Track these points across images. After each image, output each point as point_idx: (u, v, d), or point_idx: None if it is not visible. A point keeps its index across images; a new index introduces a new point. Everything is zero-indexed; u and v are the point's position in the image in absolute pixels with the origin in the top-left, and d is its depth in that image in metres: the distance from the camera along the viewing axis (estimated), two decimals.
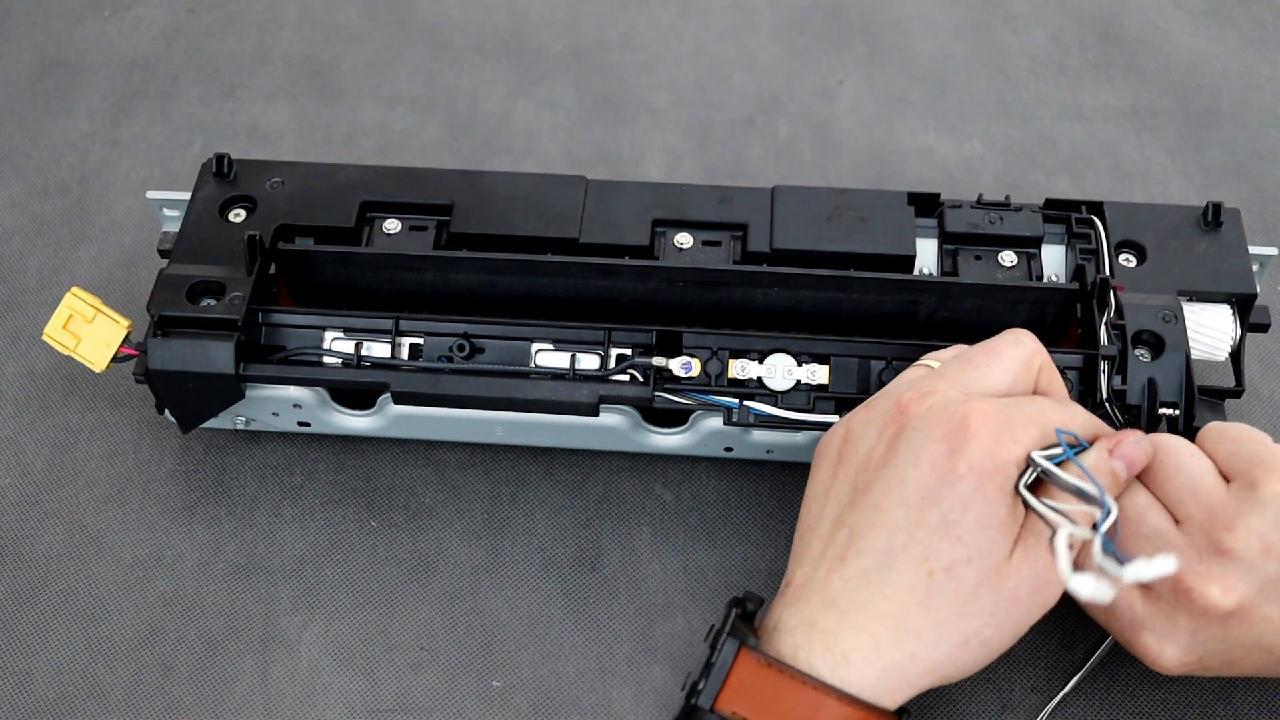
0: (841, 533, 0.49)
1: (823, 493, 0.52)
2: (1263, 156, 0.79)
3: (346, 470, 0.65)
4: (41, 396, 0.68)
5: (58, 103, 0.81)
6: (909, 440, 0.49)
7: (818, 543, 0.50)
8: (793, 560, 0.52)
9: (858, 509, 0.49)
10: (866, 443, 0.51)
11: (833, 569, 0.49)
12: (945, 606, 0.47)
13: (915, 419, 0.49)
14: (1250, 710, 0.58)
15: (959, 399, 0.49)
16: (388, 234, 0.63)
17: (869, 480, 0.50)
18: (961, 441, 0.48)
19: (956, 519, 0.47)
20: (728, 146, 0.79)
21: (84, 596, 0.61)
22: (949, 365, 0.53)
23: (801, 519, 0.53)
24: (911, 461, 0.48)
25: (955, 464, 0.47)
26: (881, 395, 0.53)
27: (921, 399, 0.50)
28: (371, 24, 0.86)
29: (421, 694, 0.59)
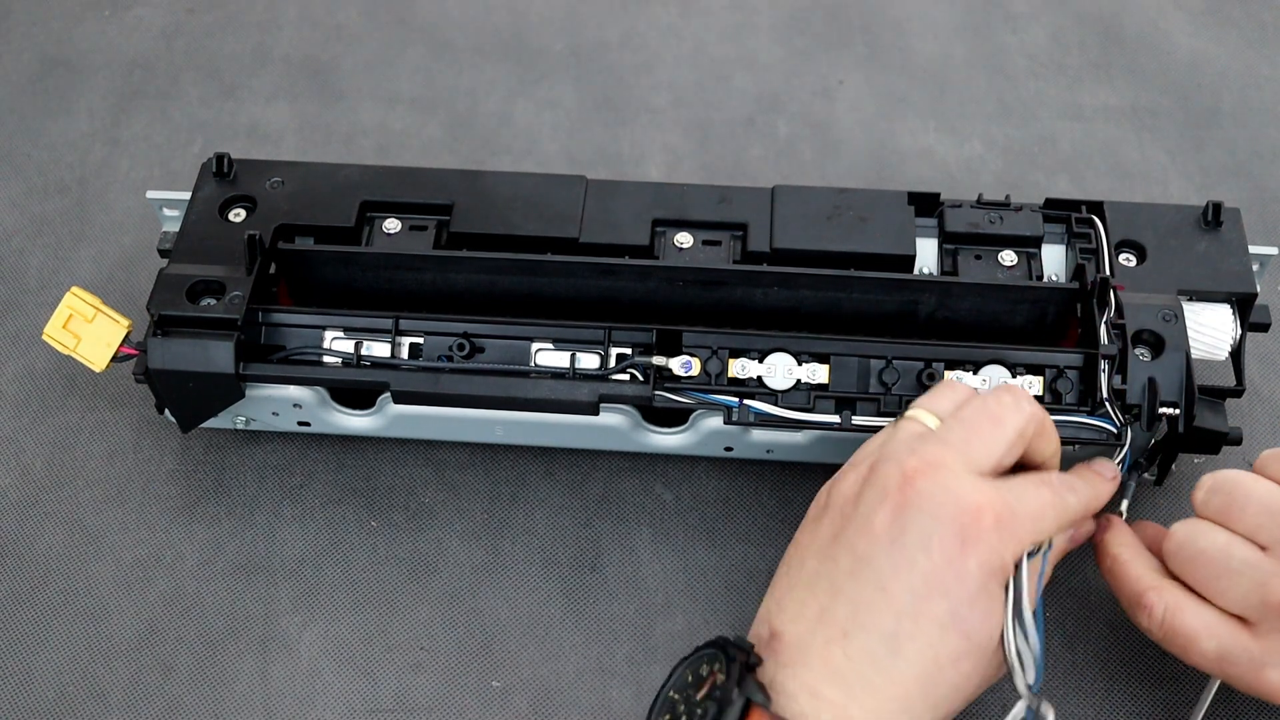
0: (841, 602, 0.49)
1: (817, 548, 0.51)
2: (1263, 156, 0.79)
3: (346, 470, 0.65)
4: (41, 396, 0.68)
5: (58, 103, 0.81)
6: (918, 522, 0.48)
7: (813, 604, 0.49)
8: (776, 606, 0.51)
9: (860, 581, 0.49)
10: (867, 507, 0.50)
11: (833, 640, 0.48)
12: (944, 691, 0.49)
13: (924, 497, 0.49)
14: (1251, 709, 0.58)
15: (970, 484, 0.49)
16: (388, 234, 0.63)
17: (871, 552, 0.49)
18: (974, 537, 0.48)
19: (964, 615, 0.48)
20: (728, 146, 0.79)
21: (84, 596, 0.61)
22: (950, 429, 0.52)
23: (791, 564, 0.52)
24: (921, 547, 0.48)
25: (966, 559, 0.48)
26: (883, 458, 0.51)
27: (930, 473, 0.49)
28: (371, 24, 0.86)
29: (421, 694, 0.59)
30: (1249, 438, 0.65)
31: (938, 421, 0.52)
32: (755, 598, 0.61)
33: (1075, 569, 0.62)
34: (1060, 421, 0.57)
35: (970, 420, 0.52)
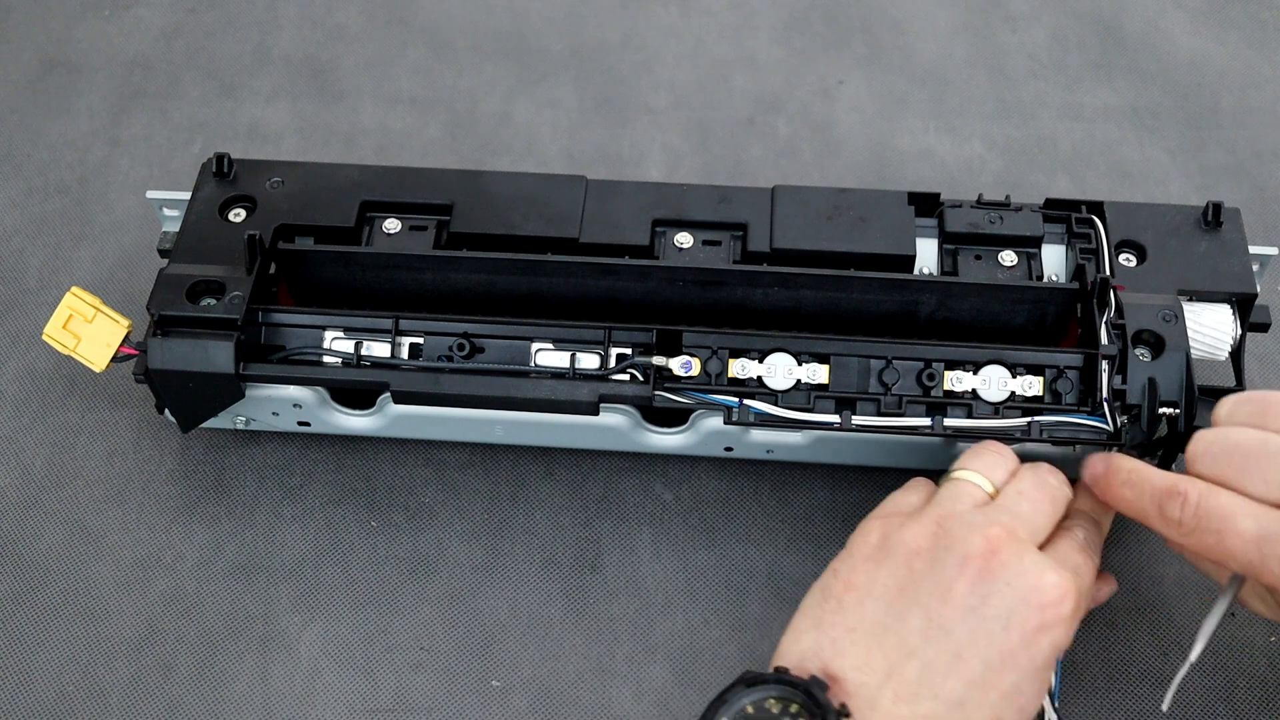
0: (913, 663, 0.49)
1: (880, 594, 0.51)
2: (1263, 156, 0.79)
3: (346, 470, 0.65)
4: (41, 396, 0.68)
5: (58, 103, 0.81)
6: (1002, 596, 0.49)
7: (880, 656, 0.50)
8: (832, 646, 0.50)
9: (934, 646, 0.49)
10: (945, 571, 0.50)
11: (901, 699, 0.49)
12: None
13: (1008, 571, 0.50)
14: (1251, 710, 0.58)
15: (1047, 564, 0.50)
16: (388, 234, 0.63)
17: (948, 618, 0.49)
18: (1053, 621, 0.49)
19: (1025, 688, 0.50)
20: (728, 146, 0.79)
21: (84, 596, 0.61)
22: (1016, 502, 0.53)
23: (845, 604, 0.51)
24: (1001, 623, 0.49)
25: (1041, 640, 0.49)
26: (954, 519, 0.51)
27: (1011, 547, 0.50)
28: (371, 24, 0.86)
29: (421, 694, 0.59)
30: None
31: (993, 487, 0.54)
32: (755, 597, 0.61)
33: None
34: (1060, 423, 0.57)
35: (1031, 495, 0.53)
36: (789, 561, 0.62)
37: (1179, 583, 0.61)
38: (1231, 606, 0.53)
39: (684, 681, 0.59)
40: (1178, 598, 0.61)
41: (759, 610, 0.61)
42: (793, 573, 0.62)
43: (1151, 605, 0.60)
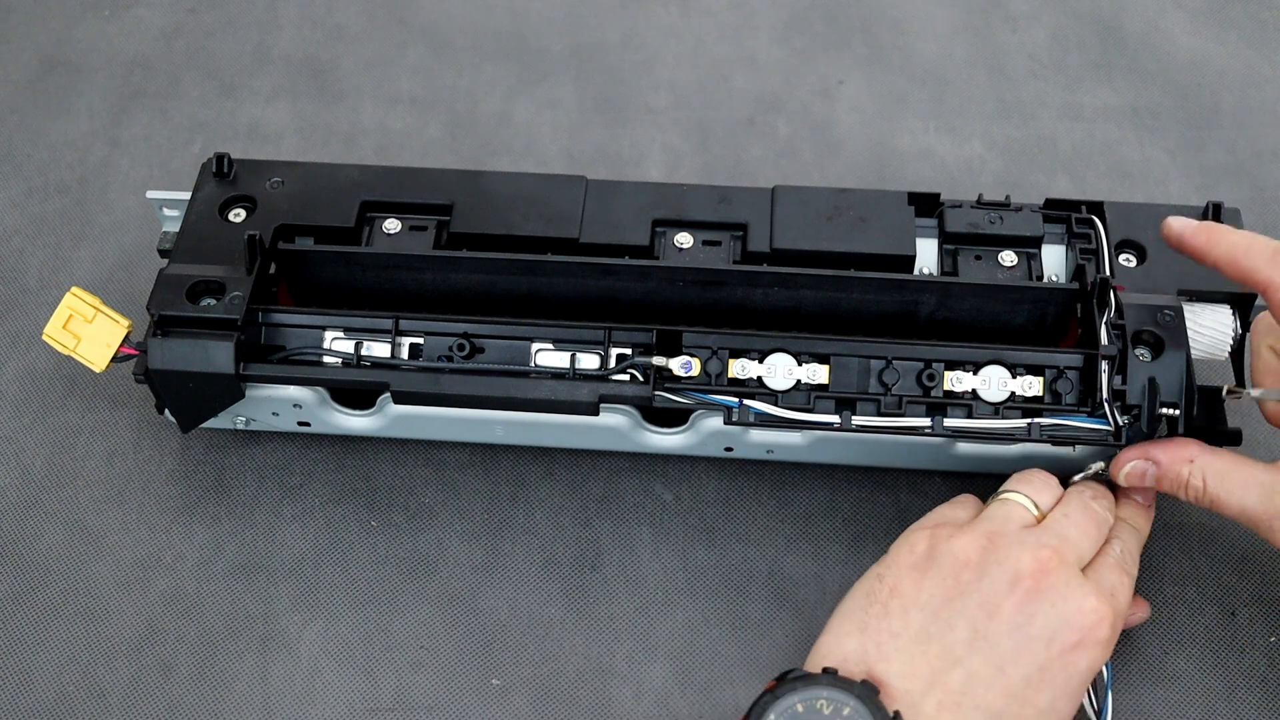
0: (957, 673, 0.51)
1: (930, 607, 0.52)
2: (1263, 156, 0.79)
3: (346, 470, 0.65)
4: (41, 396, 0.68)
5: (58, 103, 0.81)
6: (1046, 616, 0.51)
7: (924, 664, 0.51)
8: (877, 650, 0.51)
9: (979, 656, 0.51)
10: (994, 586, 0.52)
11: (945, 707, 0.50)
12: None
13: (1052, 592, 0.52)
14: (1252, 709, 0.58)
15: (1091, 588, 0.53)
16: (388, 234, 0.63)
17: (995, 632, 0.51)
18: (1091, 642, 0.52)
19: (1059, 705, 0.51)
20: (728, 146, 0.79)
21: (84, 596, 0.61)
22: (1064, 527, 0.54)
23: (890, 610, 0.52)
24: (1044, 641, 0.51)
25: (1078, 660, 0.51)
26: (1005, 538, 0.53)
27: (1059, 570, 0.52)
28: (371, 24, 0.86)
29: (421, 692, 0.59)
30: (1249, 438, 0.65)
31: (1040, 510, 0.55)
32: (755, 597, 0.61)
33: None
34: (1060, 423, 0.57)
35: (1077, 519, 0.55)
36: (789, 561, 0.62)
37: (1179, 581, 0.61)
38: None
39: (684, 681, 0.59)
40: (1178, 597, 0.61)
41: (759, 610, 0.61)
42: (792, 573, 0.62)
43: (1152, 605, 0.60)
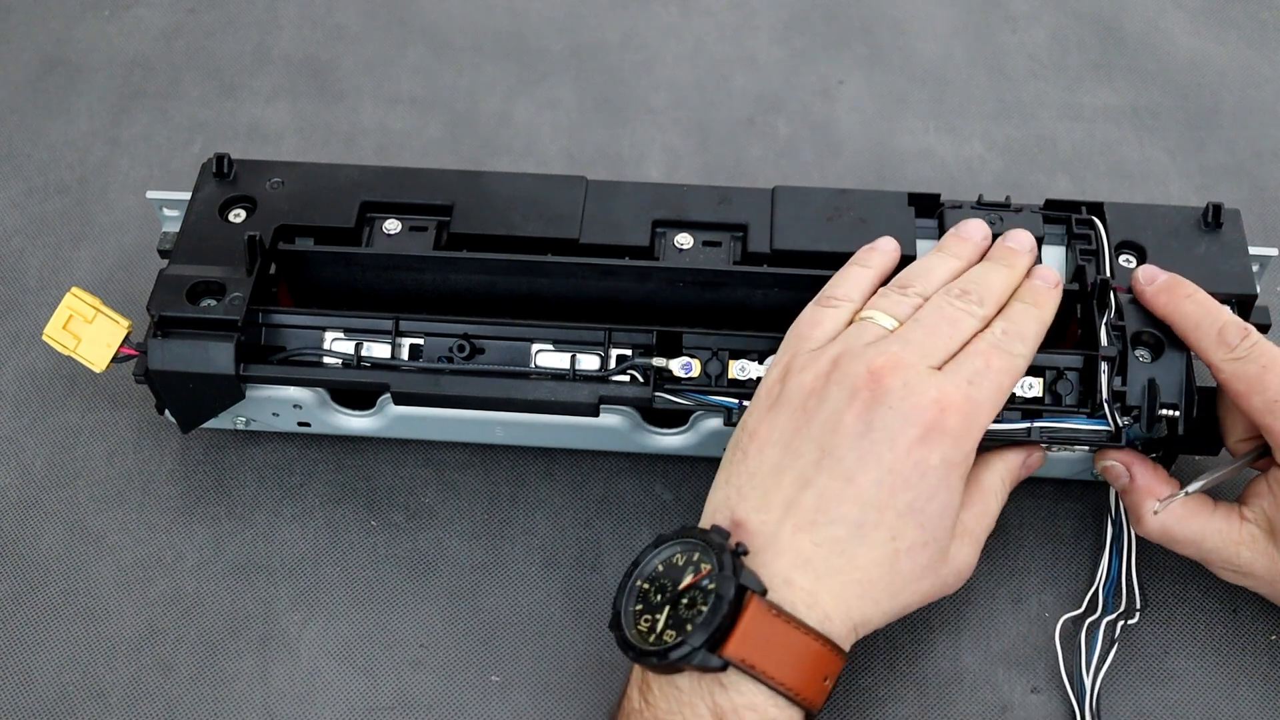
0: (808, 494, 0.51)
1: (777, 439, 0.53)
2: (1263, 156, 0.79)
3: (346, 470, 0.65)
4: (41, 396, 0.68)
5: (58, 103, 0.81)
6: (884, 418, 0.51)
7: (778, 494, 0.51)
8: (737, 494, 0.52)
9: (827, 474, 0.51)
10: (834, 403, 0.52)
11: (800, 529, 0.51)
12: (901, 580, 0.52)
13: (890, 394, 0.51)
14: (1253, 708, 0.58)
15: (933, 382, 0.52)
16: (388, 234, 0.63)
17: (839, 446, 0.51)
18: (937, 433, 0.51)
19: (922, 506, 0.51)
20: (728, 146, 0.79)
21: (84, 596, 0.61)
22: (910, 330, 0.54)
23: (748, 454, 0.53)
24: (887, 442, 0.51)
25: (929, 454, 0.51)
26: (846, 356, 0.53)
27: (895, 371, 0.52)
28: (371, 24, 0.86)
29: (421, 691, 0.59)
30: None
31: (895, 323, 0.55)
32: None
33: (1075, 571, 0.62)
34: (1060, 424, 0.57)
35: (929, 323, 0.55)
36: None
37: (1180, 579, 0.61)
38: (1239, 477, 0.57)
39: None
40: (1178, 597, 0.61)
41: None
42: None
43: (1152, 604, 0.60)
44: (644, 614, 0.51)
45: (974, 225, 0.60)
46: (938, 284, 0.57)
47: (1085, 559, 0.62)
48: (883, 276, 0.58)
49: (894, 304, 0.56)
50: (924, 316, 0.55)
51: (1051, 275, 0.59)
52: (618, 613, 0.51)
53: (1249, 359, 0.54)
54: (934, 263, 0.58)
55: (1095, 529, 0.62)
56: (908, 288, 0.57)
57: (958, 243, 0.60)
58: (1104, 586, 0.60)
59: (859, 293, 0.57)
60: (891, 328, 0.55)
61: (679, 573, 0.51)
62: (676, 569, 0.51)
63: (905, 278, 0.57)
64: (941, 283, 0.57)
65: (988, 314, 0.56)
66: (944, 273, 0.58)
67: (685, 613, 0.49)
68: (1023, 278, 0.58)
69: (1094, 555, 0.62)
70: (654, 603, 0.51)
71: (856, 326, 0.55)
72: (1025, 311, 0.57)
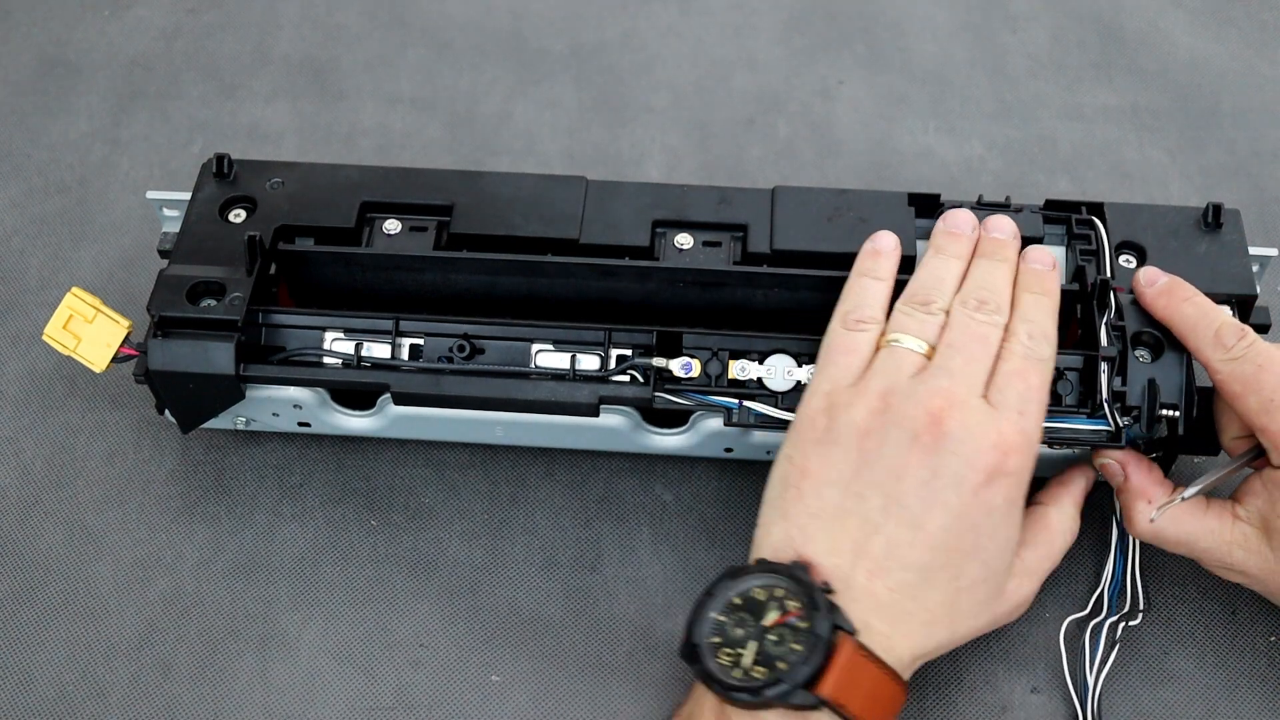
0: (878, 540, 0.51)
1: (840, 481, 0.53)
2: (1263, 156, 0.79)
3: (346, 470, 0.65)
4: (41, 396, 0.68)
5: (58, 103, 0.81)
6: (948, 464, 0.52)
7: (845, 538, 0.52)
8: (800, 533, 0.52)
9: (893, 520, 0.51)
10: (895, 447, 0.52)
11: (874, 574, 0.51)
12: (960, 616, 0.53)
13: (951, 439, 0.52)
14: (1252, 709, 0.58)
15: (990, 422, 0.53)
16: (388, 234, 0.63)
17: (905, 493, 0.52)
18: (1000, 475, 0.52)
19: (985, 544, 0.52)
20: (728, 146, 0.79)
21: (84, 596, 0.61)
22: (950, 358, 0.54)
23: (804, 492, 0.53)
24: (953, 488, 0.52)
25: (993, 496, 0.52)
26: (896, 394, 0.53)
27: (953, 413, 0.52)
28: (371, 24, 0.86)
29: (421, 690, 0.59)
30: None
31: (927, 346, 0.55)
32: None
33: (1075, 570, 0.62)
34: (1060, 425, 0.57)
35: (963, 347, 0.55)
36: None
37: (1179, 580, 0.61)
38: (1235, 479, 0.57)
39: (684, 682, 0.59)
40: (1177, 599, 0.61)
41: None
42: None
43: (1152, 604, 0.60)
44: (724, 647, 0.50)
45: (963, 217, 0.60)
46: (951, 293, 0.57)
47: (1085, 559, 0.62)
48: (894, 281, 0.58)
49: (921, 325, 0.56)
50: (956, 340, 0.55)
51: (1046, 257, 0.59)
52: (695, 645, 0.51)
53: (1245, 359, 0.54)
54: (941, 270, 0.58)
55: (1096, 530, 0.62)
56: (929, 304, 0.56)
57: (954, 241, 0.59)
58: (1109, 589, 0.60)
59: (881, 309, 0.57)
60: (923, 351, 0.55)
61: (761, 608, 0.51)
62: (757, 603, 0.51)
63: (922, 292, 0.57)
64: (953, 290, 0.57)
65: (1005, 318, 0.56)
66: (953, 279, 0.58)
67: (774, 649, 0.49)
68: (1018, 265, 0.59)
69: (1094, 556, 0.62)
70: (735, 636, 0.50)
71: (890, 354, 0.55)
72: (1037, 303, 0.57)
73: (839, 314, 0.57)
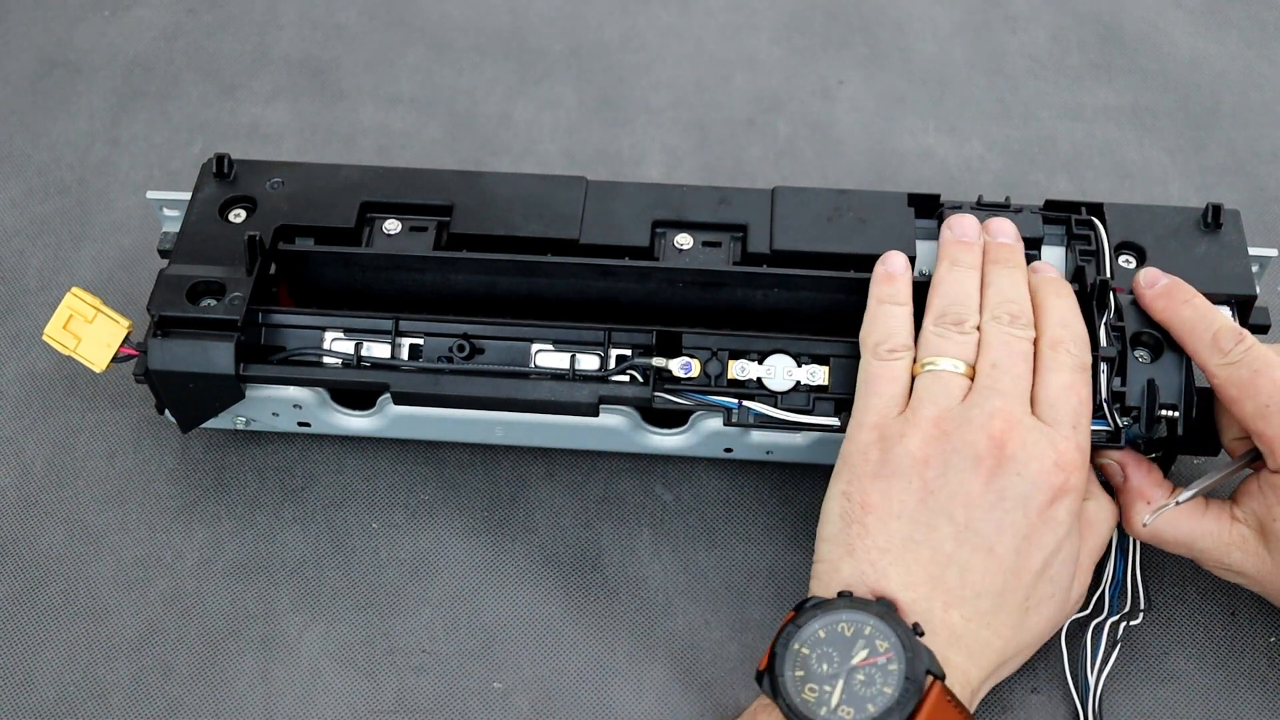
0: (951, 569, 0.51)
1: (905, 513, 0.52)
2: (1263, 156, 0.79)
3: (346, 470, 0.65)
4: (41, 396, 0.68)
5: (58, 103, 0.81)
6: (1014, 486, 0.52)
7: (919, 570, 0.51)
8: (873, 569, 0.52)
9: (966, 547, 0.52)
10: (959, 474, 0.52)
11: (950, 605, 0.51)
12: (1029, 636, 0.54)
13: (1014, 461, 0.52)
14: (1252, 709, 0.58)
15: (1047, 440, 0.53)
16: (388, 234, 0.63)
17: (974, 519, 0.52)
18: (1063, 492, 0.53)
19: (1050, 561, 0.53)
20: (728, 146, 0.79)
21: (84, 596, 0.61)
22: (997, 378, 0.54)
23: (869, 527, 0.52)
24: (1020, 510, 0.52)
25: (1056, 512, 0.53)
26: (951, 420, 0.53)
27: (1013, 434, 0.52)
28: (371, 24, 0.86)
29: (423, 695, 0.59)
30: None
31: (965, 366, 0.55)
32: (755, 598, 0.61)
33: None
34: None
35: (1007, 365, 0.55)
36: (789, 561, 0.62)
37: (1179, 581, 0.61)
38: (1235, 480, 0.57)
39: (685, 683, 0.59)
40: (1177, 599, 0.61)
41: (760, 611, 0.61)
42: (793, 573, 0.62)
43: (1152, 604, 0.60)
44: (808, 681, 0.49)
45: (969, 222, 0.60)
46: (977, 307, 0.57)
47: None
48: (912, 303, 0.58)
49: (957, 346, 0.56)
50: (999, 360, 0.55)
51: (1051, 267, 0.60)
52: (778, 676, 0.50)
53: (1242, 364, 0.54)
54: (964, 284, 0.58)
55: None
56: (962, 323, 0.56)
57: (966, 251, 0.59)
58: (1109, 589, 0.60)
59: (909, 334, 0.57)
60: (963, 371, 0.55)
61: (848, 644, 0.50)
62: (844, 639, 0.50)
63: (952, 312, 0.57)
64: (978, 303, 0.57)
65: (1033, 329, 0.57)
66: (976, 292, 0.58)
67: (862, 690, 0.48)
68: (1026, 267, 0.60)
69: None
70: (820, 672, 0.49)
71: (934, 379, 0.55)
72: (1067, 307, 0.57)
73: (869, 346, 0.57)
